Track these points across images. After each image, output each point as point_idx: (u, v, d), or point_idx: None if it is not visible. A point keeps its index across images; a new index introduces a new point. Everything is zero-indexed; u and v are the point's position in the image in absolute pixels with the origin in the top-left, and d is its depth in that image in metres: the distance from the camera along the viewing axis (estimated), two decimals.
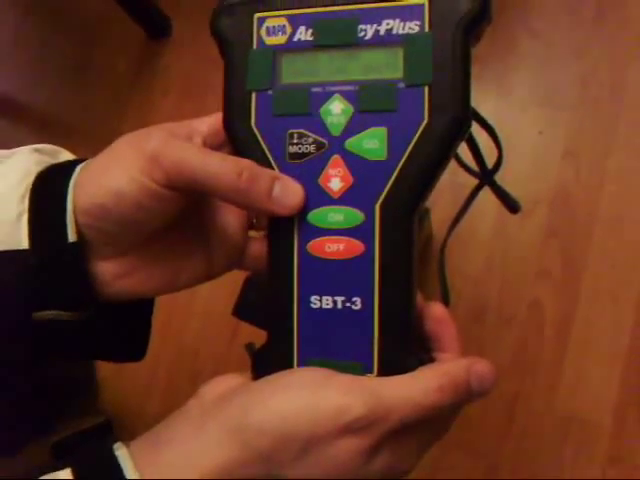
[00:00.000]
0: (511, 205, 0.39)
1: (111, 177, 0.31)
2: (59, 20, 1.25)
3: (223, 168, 0.30)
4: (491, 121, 0.36)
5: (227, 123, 0.33)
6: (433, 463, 0.91)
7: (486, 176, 0.37)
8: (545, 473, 0.88)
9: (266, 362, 0.32)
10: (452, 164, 0.37)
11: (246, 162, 0.31)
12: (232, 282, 0.69)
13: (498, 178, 0.39)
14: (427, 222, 0.88)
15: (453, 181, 0.94)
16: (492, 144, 0.37)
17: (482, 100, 0.99)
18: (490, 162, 0.38)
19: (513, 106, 0.98)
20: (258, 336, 0.35)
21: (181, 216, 0.34)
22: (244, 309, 0.75)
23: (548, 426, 0.90)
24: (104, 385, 1.01)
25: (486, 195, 0.39)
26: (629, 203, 0.92)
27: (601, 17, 0.98)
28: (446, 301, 0.47)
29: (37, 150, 0.35)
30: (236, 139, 0.33)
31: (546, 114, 0.97)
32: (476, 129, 0.35)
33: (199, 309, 1.06)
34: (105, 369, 1.04)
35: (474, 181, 0.37)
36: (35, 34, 1.25)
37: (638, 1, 0.97)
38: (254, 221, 0.38)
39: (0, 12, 1.25)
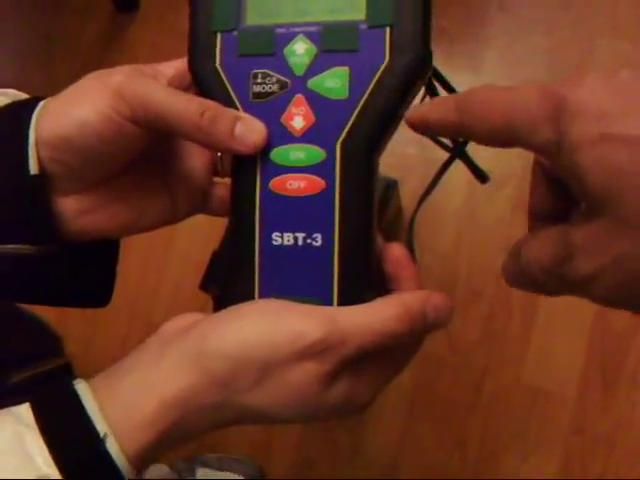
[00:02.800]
0: (481, 175, 0.39)
1: (76, 109, 0.31)
2: None
3: (186, 107, 0.30)
4: None
5: (192, 63, 0.33)
6: (401, 434, 0.92)
7: (457, 146, 0.37)
8: (511, 444, 0.90)
9: (227, 298, 0.32)
10: (423, 138, 0.38)
11: (209, 102, 0.31)
12: (200, 259, 0.69)
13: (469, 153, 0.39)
14: (396, 196, 0.88)
15: (424, 156, 0.95)
16: None
17: (453, 74, 0.99)
18: None
19: (483, 80, 0.99)
20: None
21: (145, 155, 0.34)
22: (211, 282, 0.75)
23: (515, 398, 0.91)
24: (72, 362, 1.00)
25: (457, 171, 0.40)
26: None
27: None
28: None
29: (0, 93, 0.35)
30: (200, 79, 0.33)
31: None
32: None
33: (168, 287, 1.05)
34: (73, 345, 1.02)
35: (445, 156, 0.38)
36: None
37: None
38: (219, 167, 0.38)
39: None
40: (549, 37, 0.99)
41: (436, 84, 0.36)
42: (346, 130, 0.31)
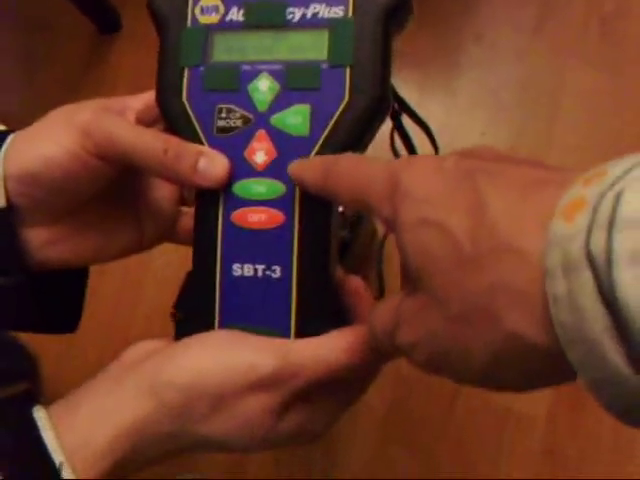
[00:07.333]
0: None
1: (42, 145, 0.32)
2: (5, 13, 1.23)
3: (151, 144, 0.31)
4: (436, 123, 0.38)
5: (159, 97, 0.34)
6: (372, 457, 0.92)
7: None
8: (482, 467, 0.91)
9: (187, 327, 0.33)
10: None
11: (173, 139, 0.32)
12: (177, 279, 0.70)
13: None
14: (369, 218, 0.89)
15: None
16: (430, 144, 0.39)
17: (428, 102, 1.01)
18: None
19: (457, 108, 1.01)
20: None
21: (113, 187, 0.35)
22: (181, 305, 0.75)
23: (486, 420, 0.92)
24: (46, 382, 0.99)
25: None
26: None
27: (541, 26, 1.02)
28: (381, 295, 0.48)
29: None
30: (167, 113, 0.34)
31: (489, 116, 1.00)
32: (413, 129, 0.37)
33: (144, 306, 1.05)
34: (48, 363, 1.02)
35: None
36: None
37: (576, 8, 1.01)
38: (186, 196, 0.39)
39: None
40: (521, 63, 1.01)
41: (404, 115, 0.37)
42: None
